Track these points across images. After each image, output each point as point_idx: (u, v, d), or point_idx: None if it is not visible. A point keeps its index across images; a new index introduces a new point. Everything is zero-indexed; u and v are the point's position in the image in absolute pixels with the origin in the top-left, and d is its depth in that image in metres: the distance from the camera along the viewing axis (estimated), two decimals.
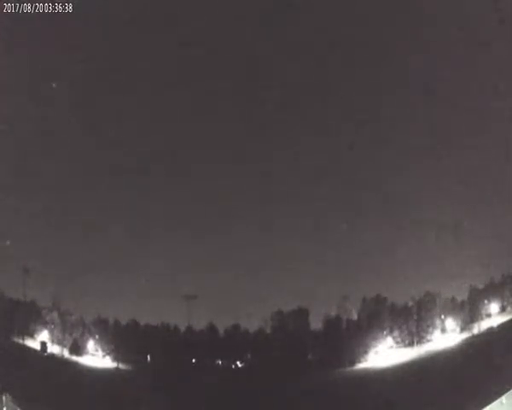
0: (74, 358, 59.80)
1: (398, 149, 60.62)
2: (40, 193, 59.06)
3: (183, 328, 60.60)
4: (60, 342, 60.27)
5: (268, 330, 61.81)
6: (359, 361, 59.56)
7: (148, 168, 61.18)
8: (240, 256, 60.74)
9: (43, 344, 59.71)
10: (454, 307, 60.54)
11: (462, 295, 60.55)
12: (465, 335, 58.98)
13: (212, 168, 61.84)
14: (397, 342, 60.87)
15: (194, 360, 60.32)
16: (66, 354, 59.86)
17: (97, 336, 60.66)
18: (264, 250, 61.13)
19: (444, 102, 57.75)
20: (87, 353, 60.37)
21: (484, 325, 59.15)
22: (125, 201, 61.35)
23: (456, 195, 57.19)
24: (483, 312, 60.10)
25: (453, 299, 60.82)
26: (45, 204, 59.26)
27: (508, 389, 43.41)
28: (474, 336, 58.54)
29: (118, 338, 60.21)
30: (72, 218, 60.11)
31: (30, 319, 60.52)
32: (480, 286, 60.62)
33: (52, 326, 60.70)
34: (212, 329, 61.23)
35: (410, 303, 61.96)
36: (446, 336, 59.79)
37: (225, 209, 61.91)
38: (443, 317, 60.29)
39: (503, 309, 59.99)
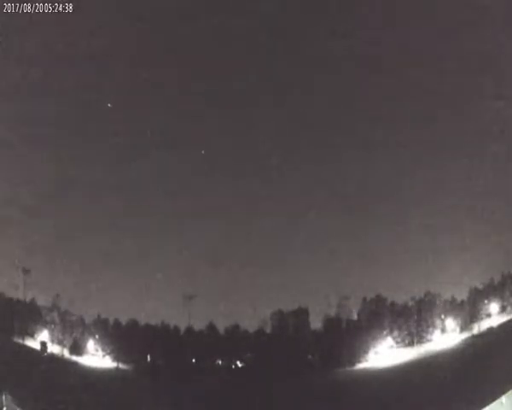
0: (74, 358, 59.82)
1: (399, 150, 60.78)
2: (40, 192, 59.18)
3: (182, 328, 60.71)
4: (60, 342, 60.30)
5: (268, 330, 61.86)
6: (359, 361, 59.56)
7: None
8: (240, 256, 60.79)
9: (43, 344, 59.72)
10: (454, 307, 60.55)
11: (462, 295, 60.60)
12: (465, 335, 59.00)
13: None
14: (397, 342, 60.87)
15: (194, 360, 60.34)
16: (66, 354, 59.90)
17: (97, 336, 60.66)
18: (264, 250, 61.33)
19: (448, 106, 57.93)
20: (87, 353, 60.38)
21: (484, 325, 59.16)
22: (125, 201, 61.49)
23: (457, 194, 57.35)
24: (483, 312, 60.09)
25: (453, 299, 60.85)
26: (45, 204, 59.41)
27: (508, 389, 43.36)
28: (474, 336, 58.53)
29: (118, 338, 60.24)
30: (72, 217, 60.15)
31: (30, 319, 60.59)
32: (480, 286, 60.62)
33: (52, 326, 60.75)
34: (211, 329, 61.22)
35: (410, 303, 62.02)
36: (446, 336, 59.81)
37: (225, 209, 62.02)
38: (443, 317, 60.32)
39: (503, 309, 59.93)
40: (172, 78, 59.73)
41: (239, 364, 61.11)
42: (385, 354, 60.10)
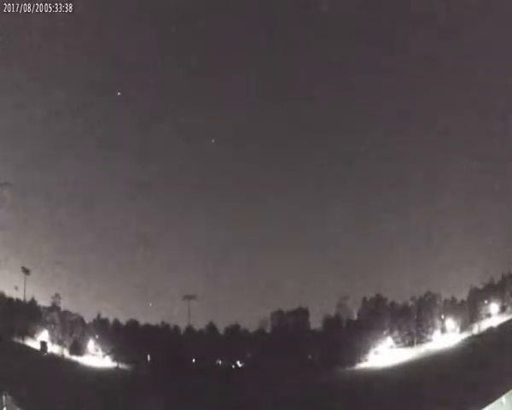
0: (74, 358, 59.82)
1: (399, 150, 60.84)
2: (40, 194, 59.25)
3: (183, 328, 60.71)
4: (60, 342, 60.30)
5: (268, 330, 61.85)
6: (359, 361, 59.56)
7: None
8: (240, 256, 60.84)
9: (43, 344, 59.72)
10: (454, 307, 60.56)
11: (462, 295, 60.62)
12: (465, 335, 58.98)
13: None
14: (397, 342, 60.88)
15: (194, 360, 60.31)
16: (66, 354, 59.89)
17: (97, 336, 60.66)
18: (264, 250, 61.31)
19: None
20: (87, 353, 60.38)
21: (484, 325, 59.15)
22: (124, 204, 61.56)
23: (457, 194, 57.38)
24: (483, 312, 60.08)
25: (453, 299, 60.86)
26: (46, 205, 59.46)
27: (508, 389, 43.30)
28: (474, 336, 58.50)
29: (118, 338, 60.22)
30: (72, 218, 60.19)
31: (30, 319, 60.58)
32: (480, 286, 60.63)
33: (52, 326, 60.75)
34: (212, 329, 61.21)
35: (410, 303, 62.03)
36: (446, 336, 59.81)
37: (225, 209, 62.03)
38: (443, 317, 60.32)
39: (503, 309, 59.93)
40: (173, 78, 59.84)
41: (239, 364, 61.12)
42: (385, 354, 60.11)
